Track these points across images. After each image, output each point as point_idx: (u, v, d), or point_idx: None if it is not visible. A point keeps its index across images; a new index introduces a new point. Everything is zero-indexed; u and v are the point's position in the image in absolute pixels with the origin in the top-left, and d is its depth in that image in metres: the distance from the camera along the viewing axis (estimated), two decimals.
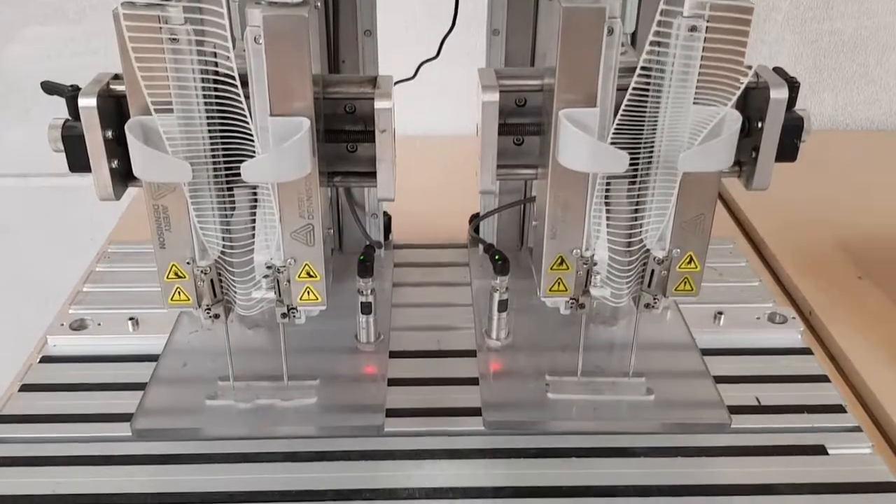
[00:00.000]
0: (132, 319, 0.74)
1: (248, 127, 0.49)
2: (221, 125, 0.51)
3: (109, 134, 0.52)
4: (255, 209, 0.55)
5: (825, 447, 0.62)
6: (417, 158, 0.96)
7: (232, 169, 0.52)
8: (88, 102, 0.51)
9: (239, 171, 0.50)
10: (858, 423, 0.65)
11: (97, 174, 0.53)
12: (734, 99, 0.48)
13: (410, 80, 0.76)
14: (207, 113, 0.50)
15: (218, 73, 0.49)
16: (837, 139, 1.24)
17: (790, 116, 0.54)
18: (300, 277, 0.57)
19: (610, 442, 0.63)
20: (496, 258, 0.68)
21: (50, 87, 0.55)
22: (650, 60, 0.49)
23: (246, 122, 0.49)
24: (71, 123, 0.53)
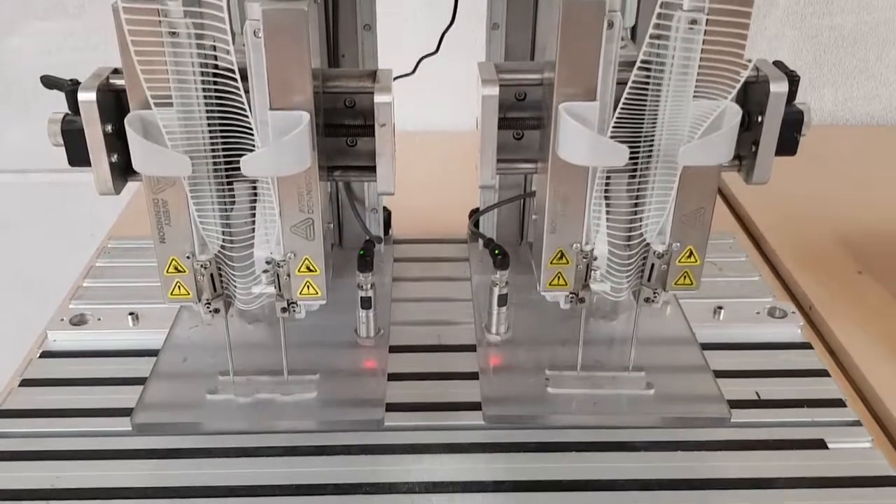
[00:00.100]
0: (132, 314, 0.74)
1: (247, 121, 0.49)
2: (221, 119, 0.50)
3: (109, 128, 0.52)
4: (254, 203, 0.55)
5: (825, 441, 0.62)
6: (417, 154, 0.96)
7: (232, 163, 0.52)
8: (88, 97, 0.51)
9: (239, 165, 0.50)
10: (858, 417, 0.65)
11: (97, 168, 0.53)
12: (734, 92, 0.48)
13: (410, 75, 0.76)
14: (207, 107, 0.50)
15: (217, 67, 0.49)
16: (837, 134, 1.24)
17: (790, 110, 0.54)
18: (300, 272, 0.57)
19: (610, 436, 0.63)
20: (496, 253, 0.68)
21: (49, 81, 0.55)
22: (650, 54, 0.49)
23: (245, 116, 0.49)
24: (71, 118, 0.53)
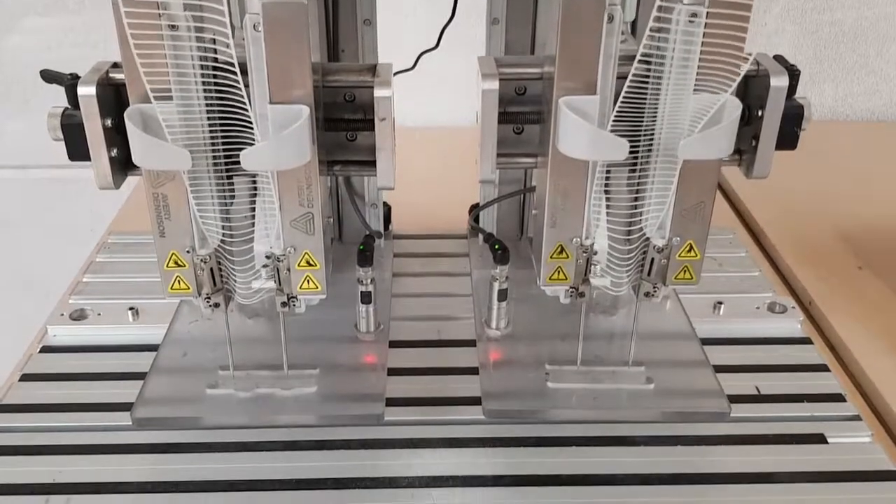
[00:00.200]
0: (132, 309, 0.74)
1: (247, 115, 0.49)
2: (221, 113, 0.50)
3: (109, 122, 0.52)
4: (254, 198, 0.55)
5: (824, 436, 0.62)
6: (417, 149, 0.96)
7: (231, 157, 0.52)
8: (88, 91, 0.51)
9: (238, 159, 0.50)
10: (858, 411, 0.65)
11: (97, 163, 0.53)
12: (734, 86, 0.48)
13: (410, 70, 0.75)
14: (207, 101, 0.50)
15: (217, 60, 0.49)
16: (838, 130, 1.23)
17: (790, 104, 0.54)
18: (300, 266, 0.57)
19: (609, 431, 0.63)
20: (496, 248, 0.68)
21: (49, 75, 0.55)
22: (650, 47, 0.48)
23: (245, 109, 0.49)
24: (70, 112, 0.53)
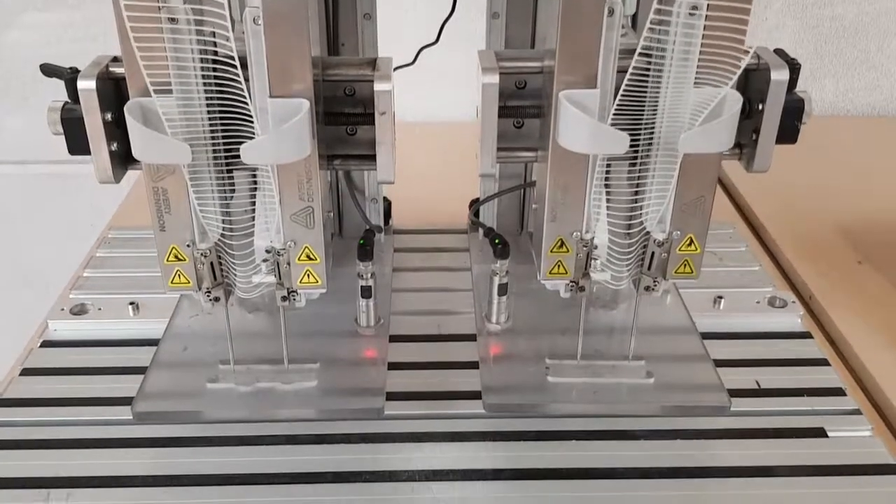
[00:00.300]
0: (132, 304, 0.74)
1: (247, 108, 0.49)
2: (221, 107, 0.50)
3: (109, 116, 0.52)
4: (255, 192, 0.55)
5: (825, 430, 0.62)
6: (417, 144, 0.96)
7: (232, 151, 0.52)
8: (88, 84, 0.51)
9: (238, 152, 0.50)
10: (858, 405, 0.65)
11: (97, 157, 0.53)
12: (734, 79, 0.48)
13: (410, 65, 0.75)
14: (207, 94, 0.50)
15: (217, 54, 0.49)
16: (838, 125, 1.23)
17: (791, 98, 0.54)
18: (300, 260, 0.57)
19: (610, 425, 0.63)
20: (496, 242, 0.68)
21: (49, 69, 0.54)
22: (651, 41, 0.48)
23: (245, 103, 0.49)
24: (70, 106, 0.52)
